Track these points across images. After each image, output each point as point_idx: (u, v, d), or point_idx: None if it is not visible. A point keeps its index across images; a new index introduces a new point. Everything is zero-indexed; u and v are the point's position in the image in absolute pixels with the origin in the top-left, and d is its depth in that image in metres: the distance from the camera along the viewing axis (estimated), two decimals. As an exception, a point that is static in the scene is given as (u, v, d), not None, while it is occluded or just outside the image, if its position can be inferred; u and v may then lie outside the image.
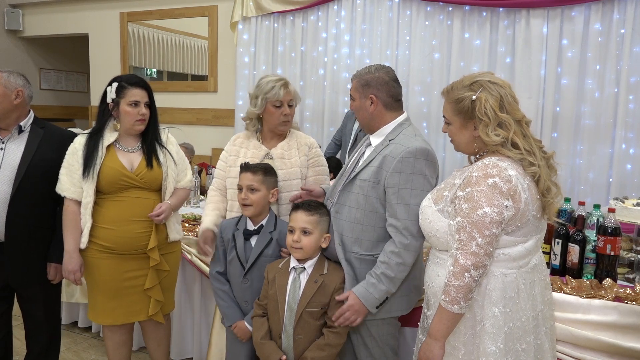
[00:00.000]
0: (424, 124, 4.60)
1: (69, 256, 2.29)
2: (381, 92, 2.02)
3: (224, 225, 2.24)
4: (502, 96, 1.64)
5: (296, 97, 2.38)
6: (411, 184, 1.89)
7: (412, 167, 1.89)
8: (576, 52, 3.99)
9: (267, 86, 2.30)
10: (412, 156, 1.89)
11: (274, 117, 2.32)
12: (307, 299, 1.96)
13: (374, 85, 2.02)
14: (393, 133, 2.01)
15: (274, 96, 2.29)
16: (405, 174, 1.89)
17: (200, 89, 5.61)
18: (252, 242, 2.16)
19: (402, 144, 1.93)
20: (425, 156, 1.91)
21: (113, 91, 2.25)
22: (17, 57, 6.68)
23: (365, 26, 4.69)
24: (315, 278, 1.99)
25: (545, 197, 1.67)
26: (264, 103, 2.31)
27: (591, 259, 2.28)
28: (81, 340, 3.34)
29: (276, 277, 2.03)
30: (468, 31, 4.32)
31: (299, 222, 1.99)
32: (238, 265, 2.16)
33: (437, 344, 1.65)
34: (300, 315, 1.96)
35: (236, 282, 2.19)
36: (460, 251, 1.59)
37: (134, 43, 5.95)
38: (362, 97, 2.05)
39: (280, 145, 2.39)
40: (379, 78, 2.03)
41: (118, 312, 2.34)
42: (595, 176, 4.04)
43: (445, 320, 1.63)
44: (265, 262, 2.13)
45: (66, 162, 2.30)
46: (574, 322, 2.05)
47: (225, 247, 2.21)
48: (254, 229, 2.17)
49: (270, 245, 2.15)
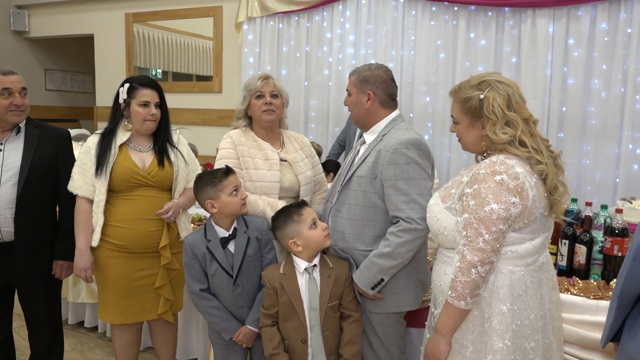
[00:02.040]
0: (429, 124, 4.59)
1: (81, 254, 2.30)
2: (379, 89, 2.06)
3: (192, 242, 2.12)
4: (510, 95, 1.66)
5: (281, 90, 2.36)
6: (407, 174, 1.92)
7: (406, 157, 1.92)
8: (582, 52, 3.97)
9: (248, 82, 2.36)
10: (405, 147, 1.93)
11: (256, 107, 2.32)
12: (326, 295, 1.99)
13: (373, 82, 2.06)
14: (386, 129, 2.05)
15: (254, 88, 2.31)
16: (400, 165, 1.92)
17: (205, 89, 5.62)
18: (231, 248, 2.11)
19: (394, 137, 1.98)
20: (418, 146, 1.95)
21: (124, 92, 2.30)
22: (23, 57, 6.71)
23: (370, 26, 4.68)
24: (327, 273, 2.01)
25: (553, 196, 1.68)
26: (247, 98, 2.34)
27: (598, 260, 2.27)
28: (87, 340, 3.35)
29: (283, 284, 2.00)
30: (473, 31, 4.31)
31: (312, 213, 2.05)
32: (224, 276, 2.09)
33: (444, 339, 1.65)
34: (325, 312, 1.98)
35: (226, 293, 2.12)
36: (467, 247, 1.60)
37: (139, 44, 5.96)
38: (360, 92, 2.07)
39: (287, 149, 2.39)
40: (378, 75, 2.07)
41: (129, 311, 2.36)
42: (602, 176, 4.02)
43: (452, 316, 1.63)
44: (250, 262, 2.11)
45: (79, 160, 2.34)
46: (581, 324, 2.04)
47: (201, 263, 2.11)
48: (230, 234, 2.11)
49: (250, 244, 2.11)
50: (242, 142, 2.34)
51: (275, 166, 2.29)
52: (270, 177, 2.26)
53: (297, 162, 2.36)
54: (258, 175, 2.26)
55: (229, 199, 2.07)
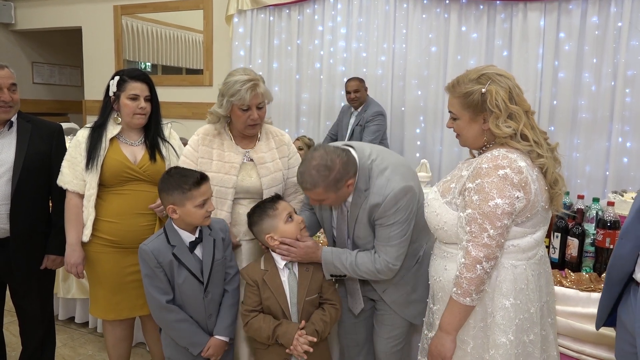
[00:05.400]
0: (421, 117, 4.59)
1: (72, 249, 2.27)
2: (350, 172, 1.86)
3: (154, 249, 1.94)
4: (511, 87, 1.64)
5: (267, 97, 2.17)
6: (395, 219, 1.89)
7: (396, 207, 1.87)
8: (573, 46, 3.99)
9: (233, 87, 2.09)
10: (394, 201, 1.86)
11: (240, 120, 2.14)
12: (305, 289, 1.97)
13: (344, 175, 1.84)
14: (362, 181, 1.91)
15: (240, 100, 2.08)
16: (387, 216, 1.88)
17: (196, 82, 5.57)
18: (197, 252, 1.98)
19: (380, 194, 1.87)
20: (405, 194, 1.87)
21: (114, 84, 2.26)
22: (10, 50, 6.61)
23: (361, 19, 4.67)
24: (305, 267, 1.99)
25: (553, 189, 1.68)
26: (229, 105, 2.12)
27: (590, 253, 2.28)
28: (78, 336, 3.32)
29: (265, 280, 1.97)
30: (465, 24, 4.31)
31: (288, 207, 2.01)
32: (195, 283, 1.96)
33: (449, 337, 1.64)
34: (303, 305, 1.97)
35: (195, 302, 1.98)
36: (472, 243, 1.58)
37: (128, 36, 5.90)
38: (338, 190, 1.86)
39: (259, 147, 2.24)
40: (341, 165, 1.83)
41: (122, 306, 2.33)
42: (592, 170, 4.06)
43: (457, 313, 1.62)
44: (218, 266, 2.00)
45: (69, 154, 2.29)
46: (574, 316, 2.05)
47: (166, 272, 1.94)
48: (196, 237, 1.98)
49: (217, 246, 2.01)
50: (207, 141, 2.21)
51: (233, 171, 2.16)
52: (225, 181, 2.15)
53: (264, 162, 2.21)
54: (213, 179, 2.12)
55: (193, 209, 1.91)
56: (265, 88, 2.17)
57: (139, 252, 1.96)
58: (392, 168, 1.91)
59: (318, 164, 1.81)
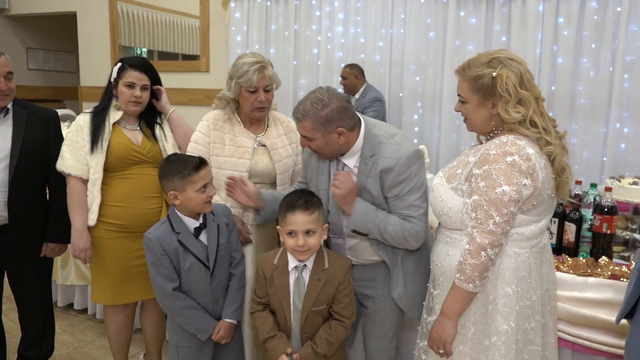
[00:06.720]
0: (419, 103, 4.58)
1: (79, 234, 2.27)
2: (345, 120, 1.82)
3: (159, 237, 1.95)
4: (522, 73, 1.62)
5: (275, 80, 2.19)
6: (411, 186, 1.83)
7: (409, 172, 1.82)
8: (572, 31, 3.97)
9: (241, 69, 2.13)
10: (408, 165, 1.82)
11: (248, 102, 2.16)
12: (312, 299, 1.88)
13: (337, 117, 1.80)
14: (367, 148, 1.87)
15: (247, 82, 2.11)
16: (403, 183, 1.83)
17: (192, 68, 5.53)
18: (202, 238, 1.99)
19: (392, 157, 1.83)
20: (417, 158, 1.84)
21: (115, 71, 2.29)
22: (3, 36, 6.53)
23: (359, 4, 4.63)
24: (318, 276, 1.89)
25: (560, 177, 1.67)
26: (237, 87, 2.15)
27: (587, 238, 2.29)
28: (77, 322, 3.34)
29: (274, 276, 1.92)
30: (464, 9, 4.28)
31: (301, 224, 1.82)
32: (201, 269, 1.97)
33: (450, 322, 1.65)
34: (307, 315, 1.90)
35: (202, 287, 2.00)
36: (477, 229, 1.58)
37: (124, 22, 5.83)
38: (327, 133, 1.81)
39: (270, 133, 2.28)
40: (338, 107, 1.80)
41: (131, 289, 2.35)
42: (590, 155, 4.06)
43: (459, 299, 1.62)
44: (223, 251, 2.01)
45: (69, 139, 2.29)
46: (571, 300, 2.07)
47: (172, 259, 1.95)
48: (200, 223, 1.99)
49: (221, 232, 2.02)
50: (218, 126, 2.23)
51: (247, 155, 2.19)
52: (239, 165, 2.18)
53: (276, 148, 2.25)
54: (226, 163, 2.18)
55: (194, 194, 1.92)
56: (273, 72, 2.20)
57: (144, 240, 1.98)
58: (401, 135, 1.91)
59: (315, 97, 1.81)
